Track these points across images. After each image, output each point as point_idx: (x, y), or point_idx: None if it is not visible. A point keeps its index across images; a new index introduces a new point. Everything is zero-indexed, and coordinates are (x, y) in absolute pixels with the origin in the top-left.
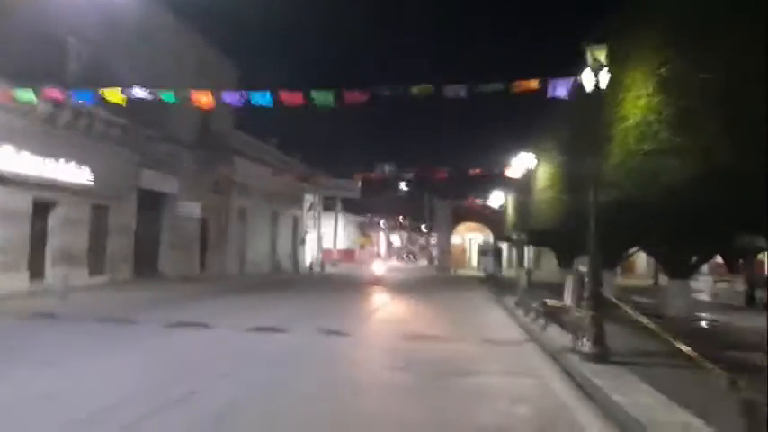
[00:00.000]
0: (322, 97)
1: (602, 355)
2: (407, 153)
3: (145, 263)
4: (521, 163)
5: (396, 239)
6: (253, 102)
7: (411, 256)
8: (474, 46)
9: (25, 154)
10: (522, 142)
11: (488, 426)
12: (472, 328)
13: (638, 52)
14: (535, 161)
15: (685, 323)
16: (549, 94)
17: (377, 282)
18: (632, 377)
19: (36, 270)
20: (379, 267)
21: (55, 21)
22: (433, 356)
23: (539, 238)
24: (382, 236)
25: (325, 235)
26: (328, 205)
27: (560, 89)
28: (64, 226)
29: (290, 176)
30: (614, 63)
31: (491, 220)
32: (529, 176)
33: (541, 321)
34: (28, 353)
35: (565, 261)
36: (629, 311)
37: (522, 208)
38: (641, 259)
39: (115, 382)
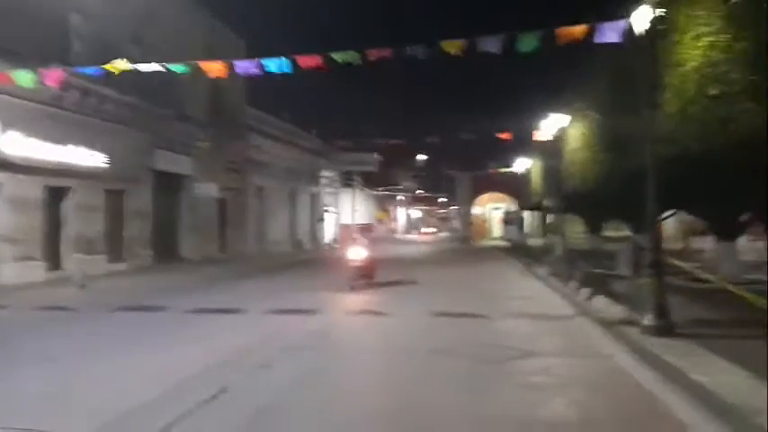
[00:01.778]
0: (343, 57)
1: (665, 327)
2: (426, 122)
3: (165, 247)
4: (551, 124)
5: (415, 213)
6: (268, 69)
7: (431, 229)
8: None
9: (33, 139)
10: (548, 106)
11: (572, 421)
12: (511, 302)
13: None
14: (568, 121)
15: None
16: (597, 39)
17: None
18: (704, 352)
19: (53, 259)
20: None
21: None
22: (477, 337)
23: (569, 203)
24: (401, 210)
25: (344, 211)
26: (347, 181)
27: (610, 34)
28: (78, 212)
29: (306, 152)
30: (662, 4)
31: (513, 189)
32: (559, 139)
33: (585, 292)
34: (40, 349)
35: (594, 227)
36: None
37: (552, 173)
38: (667, 221)
39: (137, 380)
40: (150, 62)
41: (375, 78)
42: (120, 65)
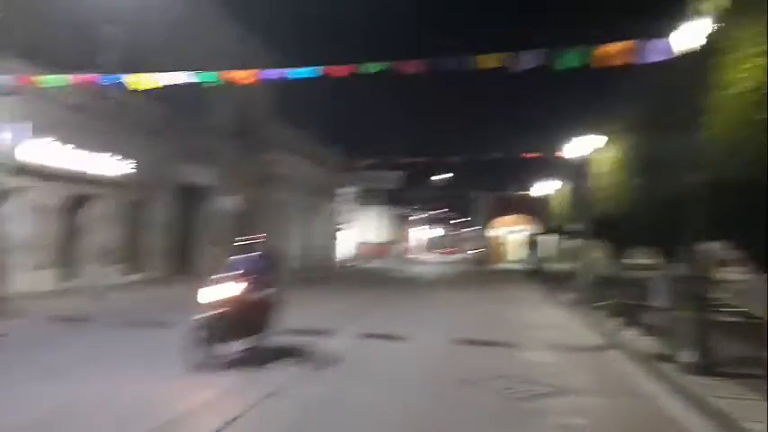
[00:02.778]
0: (374, 68)
1: (706, 365)
2: (451, 140)
3: (182, 259)
4: (581, 146)
5: (434, 232)
6: (295, 76)
7: (450, 249)
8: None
9: (56, 145)
10: (574, 127)
11: None
12: (537, 331)
13: (746, 8)
14: (603, 142)
15: None
16: (642, 59)
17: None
18: (753, 395)
19: (69, 268)
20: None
21: (90, 8)
22: (504, 368)
23: (595, 228)
24: (418, 229)
25: (364, 228)
26: (367, 198)
27: (657, 52)
28: (97, 221)
29: (327, 168)
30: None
31: (532, 211)
32: (586, 162)
33: (615, 322)
34: (50, 363)
35: (618, 253)
36: None
37: (578, 196)
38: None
39: (139, 407)
40: (180, 71)
41: (402, 95)
42: (144, 82)
